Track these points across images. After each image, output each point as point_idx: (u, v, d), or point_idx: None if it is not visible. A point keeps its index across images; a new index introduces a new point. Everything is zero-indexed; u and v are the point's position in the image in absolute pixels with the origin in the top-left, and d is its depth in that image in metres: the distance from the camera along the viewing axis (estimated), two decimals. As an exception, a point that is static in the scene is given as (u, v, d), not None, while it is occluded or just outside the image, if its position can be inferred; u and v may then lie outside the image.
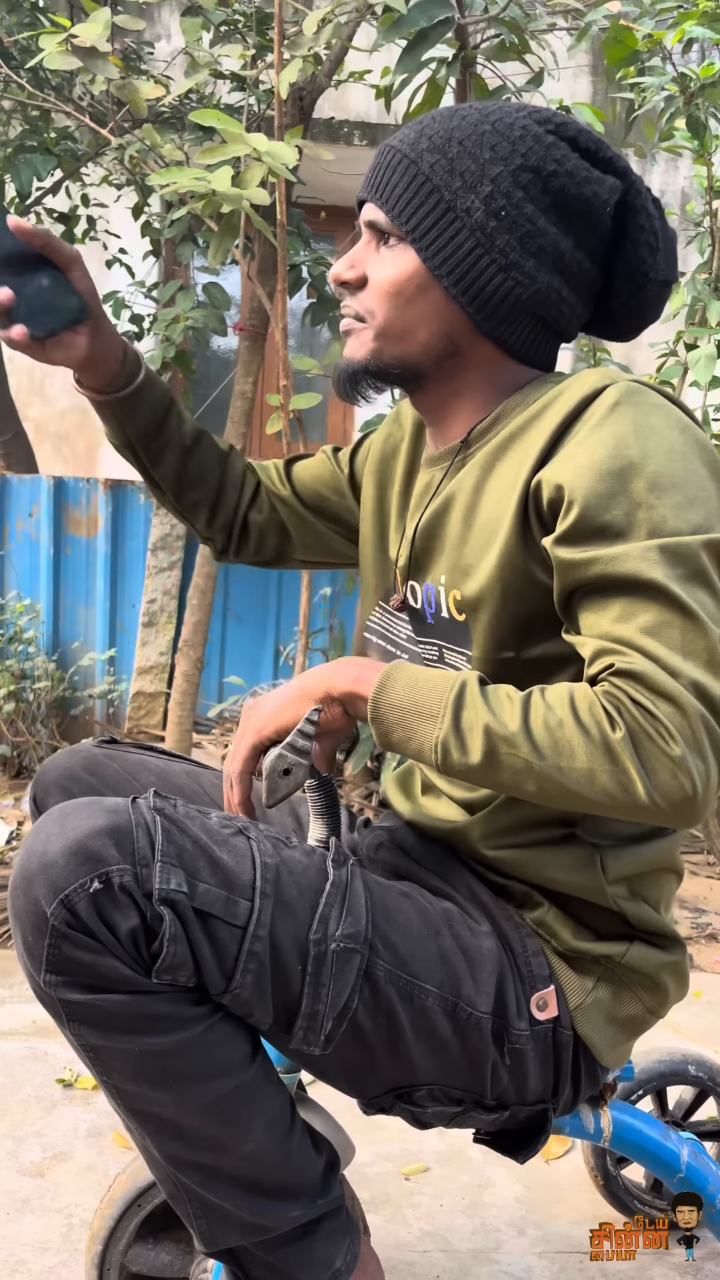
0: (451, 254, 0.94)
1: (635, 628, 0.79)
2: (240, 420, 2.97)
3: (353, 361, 1.00)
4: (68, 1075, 1.74)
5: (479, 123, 0.95)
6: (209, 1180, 0.88)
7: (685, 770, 0.75)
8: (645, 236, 0.99)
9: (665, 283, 1.01)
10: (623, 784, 0.77)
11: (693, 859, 3.17)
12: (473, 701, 0.83)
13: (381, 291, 0.97)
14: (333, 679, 0.91)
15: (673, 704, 0.76)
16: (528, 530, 0.90)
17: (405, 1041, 0.89)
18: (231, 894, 0.82)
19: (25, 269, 1.01)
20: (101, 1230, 1.09)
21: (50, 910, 0.77)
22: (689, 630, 0.79)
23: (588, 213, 0.95)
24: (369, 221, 0.99)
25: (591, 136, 0.97)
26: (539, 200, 0.93)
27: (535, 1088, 0.95)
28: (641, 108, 2.39)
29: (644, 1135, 1.15)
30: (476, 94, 2.42)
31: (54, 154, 3.06)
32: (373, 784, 3.13)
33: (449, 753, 0.83)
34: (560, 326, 1.00)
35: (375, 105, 4.96)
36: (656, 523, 0.81)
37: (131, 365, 1.15)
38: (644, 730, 0.76)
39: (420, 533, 1.03)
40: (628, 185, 0.98)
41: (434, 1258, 1.36)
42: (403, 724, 0.85)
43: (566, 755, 0.78)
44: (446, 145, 0.94)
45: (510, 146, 0.93)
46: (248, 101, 2.74)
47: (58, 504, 3.71)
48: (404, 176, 0.95)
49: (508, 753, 0.80)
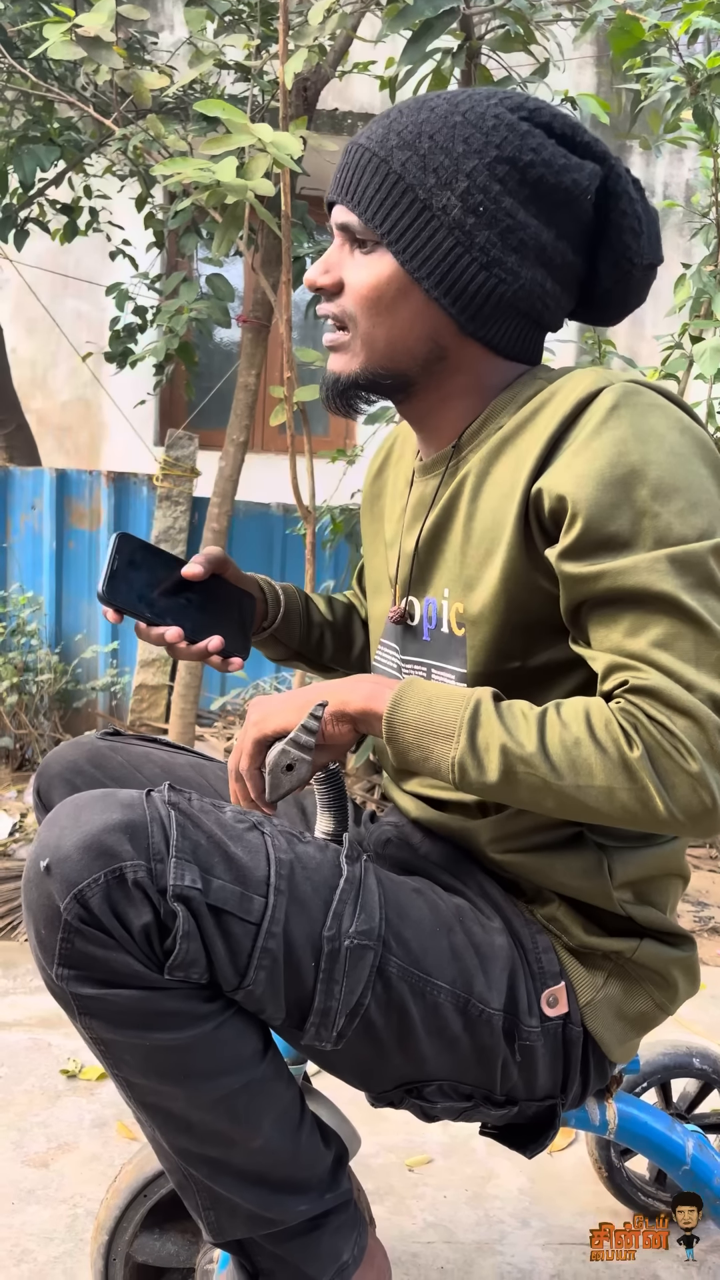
0: (430, 255, 0.91)
1: (647, 642, 0.79)
2: (244, 413, 2.96)
3: (341, 376, 0.98)
4: (72, 1066, 1.74)
5: (449, 114, 0.90)
6: (218, 1173, 0.88)
7: (704, 784, 0.75)
8: (628, 222, 0.95)
9: (650, 266, 0.98)
10: (642, 800, 0.77)
11: (695, 854, 3.17)
12: (488, 720, 0.82)
13: (360, 297, 0.94)
14: (347, 695, 0.90)
15: (689, 718, 0.76)
16: (530, 540, 0.88)
17: (416, 1037, 0.89)
18: (246, 890, 0.81)
19: (206, 597, 1.05)
20: (107, 1220, 1.09)
21: (64, 905, 0.77)
22: (701, 640, 0.78)
23: (569, 202, 0.92)
24: (341, 224, 0.95)
25: (567, 121, 0.93)
26: (517, 192, 0.90)
27: (544, 1084, 0.95)
28: (647, 99, 2.38)
29: (649, 1128, 1.15)
30: (481, 85, 2.41)
31: (57, 144, 3.05)
32: (376, 777, 3.14)
33: (466, 772, 0.82)
34: (545, 319, 0.97)
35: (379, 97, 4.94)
36: (662, 531, 0.80)
37: (271, 597, 1.19)
38: (661, 747, 0.76)
39: (422, 546, 1.01)
40: (607, 170, 0.94)
41: (438, 1249, 1.36)
42: (419, 744, 0.85)
43: (585, 774, 0.78)
44: (417, 141, 0.90)
45: (484, 138, 0.89)
46: (252, 92, 2.73)
47: (60, 497, 3.71)
48: (375, 176, 0.91)
49: (525, 772, 0.80)
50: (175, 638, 0.97)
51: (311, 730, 0.89)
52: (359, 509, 2.91)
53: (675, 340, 2.57)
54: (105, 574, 0.95)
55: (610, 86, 4.93)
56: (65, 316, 4.81)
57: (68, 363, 4.98)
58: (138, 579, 0.98)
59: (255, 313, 2.90)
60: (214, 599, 1.05)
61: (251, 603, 1.09)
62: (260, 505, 3.75)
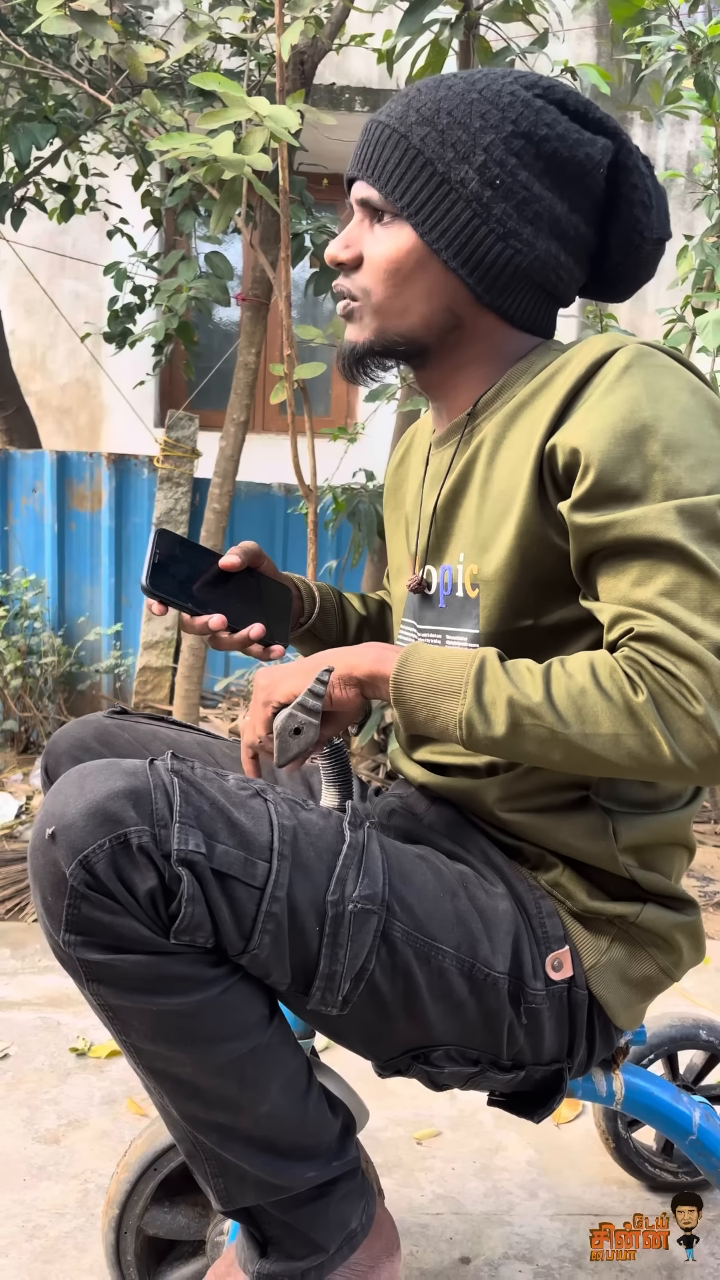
0: (449, 227, 0.94)
1: (654, 590, 0.80)
2: (244, 392, 2.95)
3: (357, 344, 1.00)
4: (81, 1044, 1.75)
5: (466, 91, 0.94)
6: (226, 1140, 0.89)
7: (710, 728, 0.76)
8: (639, 195, 0.98)
9: (659, 241, 1.01)
10: (649, 746, 0.77)
11: (700, 828, 3.18)
12: (494, 675, 0.83)
13: (380, 269, 0.97)
14: (354, 660, 0.91)
15: (694, 664, 0.76)
16: (544, 496, 0.90)
17: (422, 1002, 0.89)
18: (249, 855, 0.82)
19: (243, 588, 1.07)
20: (118, 1194, 1.10)
21: (69, 871, 0.77)
22: (708, 589, 0.79)
23: (582, 175, 0.95)
24: (361, 199, 0.98)
25: (579, 98, 0.96)
26: (533, 166, 0.93)
27: (551, 1048, 0.96)
28: (648, 68, 2.35)
29: (656, 1098, 1.16)
30: (480, 56, 2.39)
31: (53, 122, 3.02)
32: (380, 756, 3.14)
33: (474, 727, 0.83)
34: (559, 292, 1.00)
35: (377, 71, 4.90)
36: (672, 484, 0.82)
37: (307, 594, 1.21)
38: (666, 692, 0.77)
39: (439, 513, 1.03)
40: (619, 145, 0.98)
41: (446, 1220, 1.37)
42: (426, 703, 0.86)
43: (591, 722, 0.79)
44: (436, 116, 0.93)
45: (500, 114, 0.92)
46: (248, 66, 2.71)
47: (61, 479, 3.70)
48: (394, 151, 0.94)
49: (532, 723, 0.81)
50: (219, 625, 0.99)
51: (318, 694, 0.90)
52: (361, 488, 2.91)
53: (678, 313, 2.55)
54: (147, 567, 0.98)
55: (610, 57, 4.88)
56: (63, 297, 4.79)
57: (67, 344, 4.96)
58: (178, 572, 1.01)
59: (254, 291, 2.88)
60: (251, 590, 1.07)
61: (287, 594, 1.12)
62: (262, 485, 3.74)
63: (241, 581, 1.07)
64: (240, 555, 1.05)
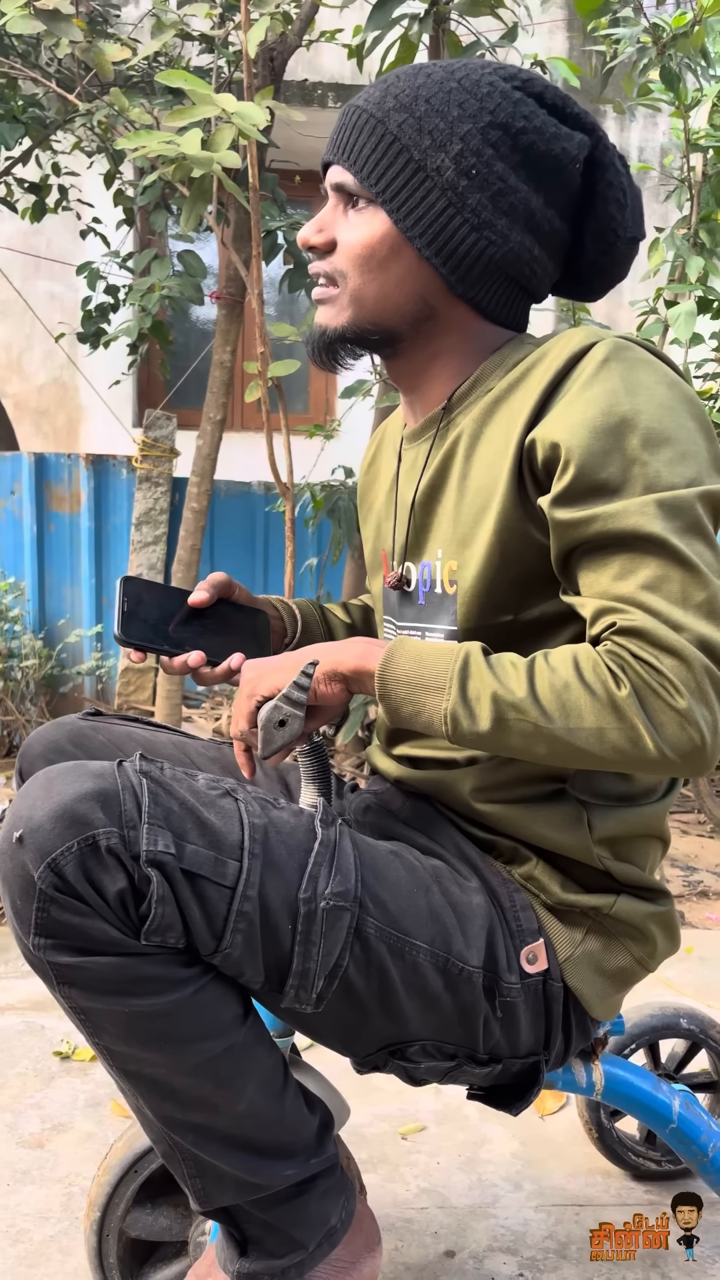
0: (423, 215, 0.93)
1: (635, 584, 0.80)
2: (220, 390, 2.94)
3: (326, 330, 1.00)
4: (65, 1048, 1.75)
5: (445, 80, 0.93)
6: (203, 1140, 0.89)
7: (693, 721, 0.76)
8: (614, 193, 0.98)
9: (633, 240, 1.01)
10: (632, 740, 0.78)
11: (683, 818, 3.19)
12: (478, 670, 0.84)
13: (353, 254, 0.96)
14: (340, 656, 0.91)
15: (676, 657, 0.77)
16: (523, 491, 0.90)
17: (397, 998, 0.89)
18: (220, 854, 0.82)
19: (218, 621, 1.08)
20: (99, 1197, 1.10)
21: (38, 874, 0.77)
22: (689, 582, 0.79)
23: (558, 170, 0.94)
24: (336, 184, 0.97)
25: (558, 93, 0.96)
26: (509, 158, 0.92)
27: (527, 1040, 0.96)
28: (615, 60, 2.36)
29: (636, 1087, 1.16)
30: (449, 50, 2.38)
31: (21, 122, 3.01)
32: (363, 754, 3.14)
33: (458, 722, 0.84)
34: (532, 286, 0.99)
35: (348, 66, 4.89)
36: (652, 478, 0.82)
37: (287, 613, 1.20)
38: (648, 685, 0.77)
39: (417, 509, 1.03)
40: (595, 141, 0.97)
41: (432, 1214, 1.37)
42: (411, 699, 0.86)
43: (574, 716, 0.79)
44: (414, 104, 0.93)
45: (478, 104, 0.92)
46: (217, 64, 2.70)
47: (39, 481, 3.69)
48: (371, 136, 0.94)
49: (516, 718, 0.81)
50: (198, 662, 1.00)
51: (303, 687, 0.90)
52: (340, 485, 2.90)
53: (650, 305, 2.56)
54: (118, 617, 0.99)
55: (580, 51, 4.88)
56: (38, 298, 4.76)
57: (43, 345, 4.94)
58: (149, 615, 1.01)
59: (229, 289, 2.88)
60: (227, 621, 1.08)
61: (264, 619, 1.12)
62: (241, 484, 3.74)
63: (215, 614, 1.07)
64: (209, 590, 1.06)
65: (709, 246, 2.38)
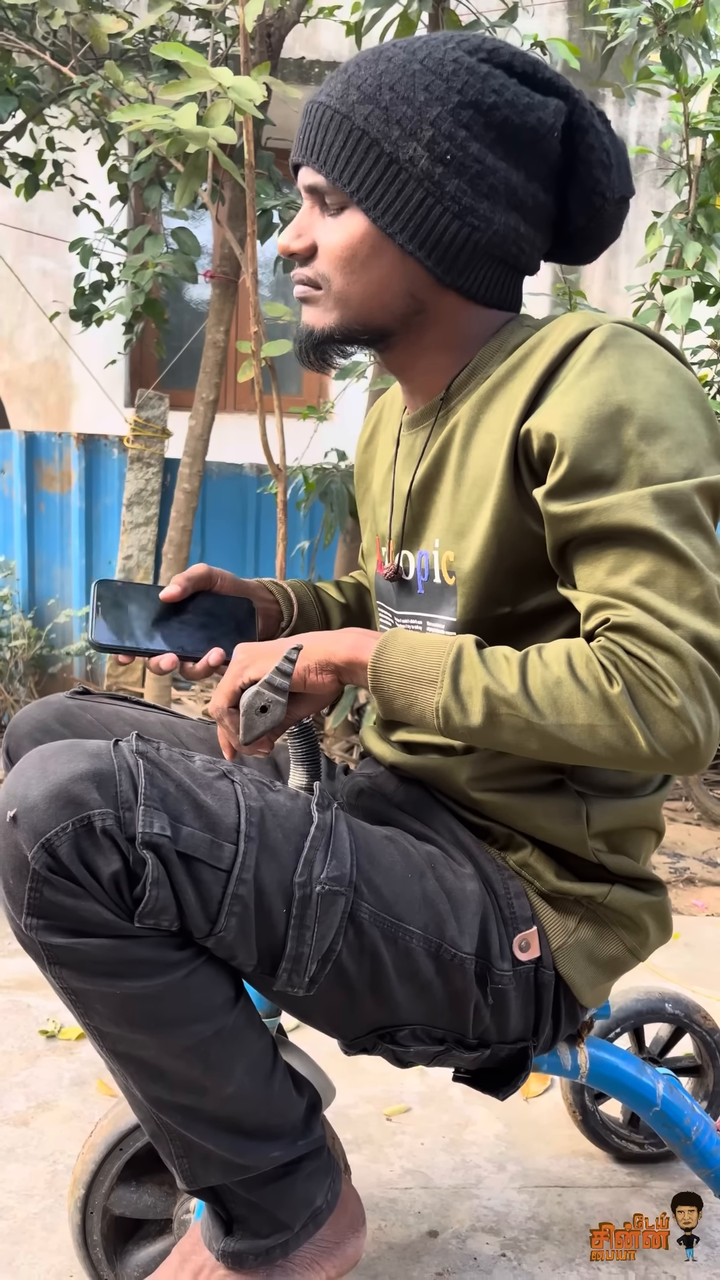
0: (401, 209, 0.90)
1: (630, 580, 0.79)
2: (213, 370, 2.92)
3: (314, 330, 0.97)
4: (51, 1027, 1.75)
5: (408, 62, 0.89)
6: (191, 1121, 0.89)
7: (686, 719, 0.76)
8: (596, 155, 0.93)
9: (622, 199, 0.97)
10: (624, 737, 0.77)
11: (672, 806, 3.20)
12: (470, 664, 0.83)
13: (334, 258, 0.93)
14: (332, 646, 0.90)
15: (670, 654, 0.76)
16: (519, 481, 0.88)
17: (389, 982, 0.89)
18: (215, 837, 0.81)
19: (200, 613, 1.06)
20: (84, 1174, 1.10)
21: (31, 854, 0.76)
22: (685, 578, 0.78)
23: (535, 141, 0.90)
24: (308, 186, 0.94)
25: (526, 59, 0.91)
26: (483, 137, 0.88)
27: (516, 1027, 0.96)
28: (615, 41, 2.34)
29: (620, 1071, 1.17)
30: (449, 29, 2.36)
31: (14, 94, 2.97)
32: (354, 737, 3.14)
33: (450, 716, 0.83)
34: (522, 263, 0.96)
35: (346, 44, 4.84)
36: (648, 469, 0.80)
37: (281, 596, 1.19)
38: (641, 683, 0.76)
39: (414, 497, 1.01)
40: (571, 104, 0.93)
41: (415, 1194, 1.38)
42: (404, 691, 0.86)
43: (566, 713, 0.78)
44: (378, 93, 0.88)
45: (445, 84, 0.87)
46: (213, 39, 2.66)
47: (30, 460, 3.66)
48: (338, 134, 0.90)
49: (508, 713, 0.80)
50: (170, 664, 0.99)
51: (285, 673, 0.90)
52: (333, 468, 2.89)
53: (647, 290, 2.54)
54: (91, 622, 0.98)
55: (581, 32, 4.85)
56: (31, 275, 4.72)
57: (35, 323, 4.90)
58: (124, 617, 1.01)
59: (223, 268, 2.85)
60: (208, 614, 1.07)
61: (248, 607, 1.10)
62: (233, 465, 3.71)
63: (196, 608, 1.06)
64: (182, 584, 1.04)
65: (706, 232, 2.37)
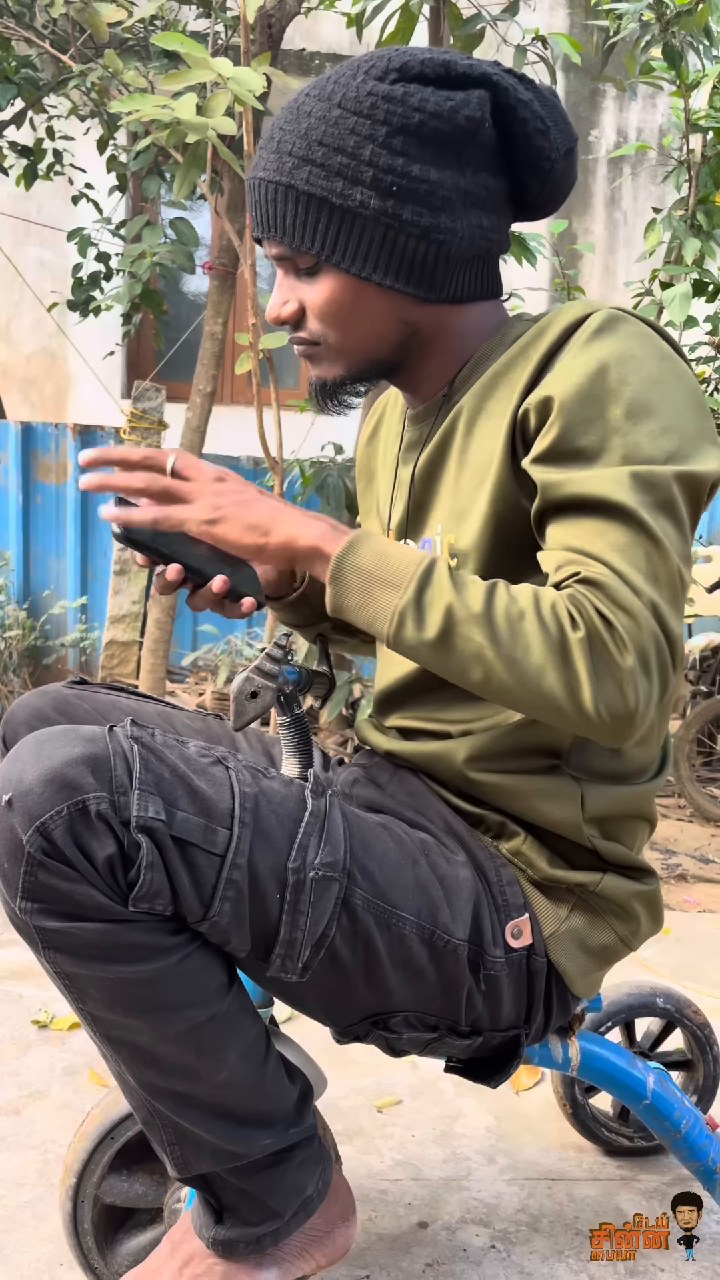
0: (369, 252, 0.92)
1: (604, 544, 0.80)
2: (211, 362, 2.91)
3: (327, 381, 1.00)
4: (43, 1016, 1.75)
5: (327, 113, 0.90)
6: (183, 1107, 0.89)
7: (632, 683, 0.77)
8: (532, 126, 0.93)
9: (569, 151, 0.97)
10: (570, 688, 0.77)
11: (664, 802, 3.21)
12: (440, 579, 0.83)
13: (324, 315, 0.96)
14: (299, 530, 0.87)
15: (631, 618, 0.77)
16: (516, 459, 0.90)
17: (382, 969, 0.89)
18: (210, 822, 0.81)
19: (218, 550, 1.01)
20: (75, 1163, 1.10)
21: (26, 837, 0.76)
22: (654, 555, 0.80)
23: (470, 138, 0.91)
24: (277, 256, 0.96)
25: (434, 62, 0.91)
26: (420, 156, 0.90)
27: (509, 1014, 0.96)
28: (617, 36, 2.33)
29: (611, 1064, 1.17)
30: (450, 23, 2.35)
31: (14, 83, 2.96)
32: (348, 731, 3.14)
33: (404, 624, 0.82)
34: (494, 251, 0.99)
35: (347, 36, 4.83)
36: (631, 449, 0.82)
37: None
38: (600, 636, 0.77)
39: (416, 485, 1.03)
40: (492, 89, 0.92)
41: (406, 1186, 1.38)
42: (363, 588, 0.84)
43: (522, 647, 0.79)
44: (309, 152, 0.90)
45: (369, 120, 0.89)
46: (214, 28, 2.66)
47: (26, 450, 3.65)
48: (286, 203, 0.92)
49: (464, 635, 0.80)
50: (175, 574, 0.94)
51: (275, 659, 0.90)
52: (329, 461, 2.89)
53: (645, 286, 2.54)
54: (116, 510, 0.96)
55: (582, 26, 4.84)
56: (28, 265, 4.70)
57: (32, 313, 4.88)
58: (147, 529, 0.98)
59: (221, 259, 2.85)
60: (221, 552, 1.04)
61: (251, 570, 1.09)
62: (229, 458, 3.71)
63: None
64: None
65: (706, 228, 2.37)
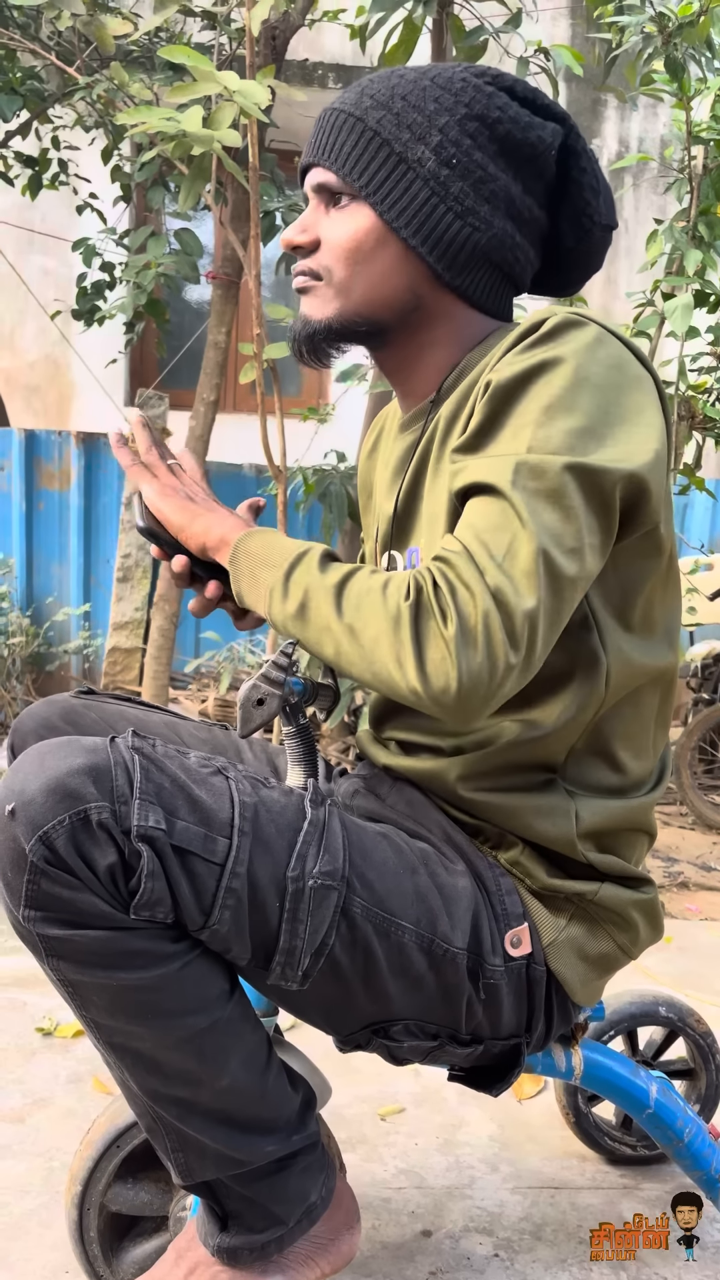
0: (408, 205, 0.94)
1: (470, 530, 0.81)
2: (214, 371, 2.92)
3: (311, 321, 0.99)
4: (47, 1024, 1.75)
5: (419, 79, 0.96)
6: (186, 1114, 0.89)
7: (453, 656, 0.76)
8: (587, 179, 1.00)
9: (607, 228, 1.03)
10: (399, 656, 0.78)
11: (666, 810, 3.22)
12: (309, 561, 0.86)
13: (339, 249, 0.97)
14: (215, 528, 0.94)
15: (469, 592, 0.77)
16: None
17: (382, 977, 0.90)
18: (210, 831, 0.82)
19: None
20: (81, 1171, 1.10)
21: (29, 847, 0.77)
22: (519, 542, 0.78)
23: (534, 157, 0.97)
24: (318, 185, 0.98)
25: (528, 86, 0.99)
26: (487, 147, 0.95)
27: (509, 1022, 0.97)
28: (619, 48, 2.35)
29: (614, 1073, 1.17)
30: (453, 35, 2.37)
31: (20, 94, 2.97)
32: (350, 739, 3.15)
33: (274, 599, 0.86)
34: (515, 273, 1.00)
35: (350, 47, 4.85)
36: (535, 441, 0.81)
37: None
38: (429, 607, 0.77)
39: (402, 500, 1.04)
40: (567, 130, 1.00)
41: (409, 1194, 1.39)
42: (250, 571, 0.89)
43: (361, 620, 0.80)
44: (390, 100, 0.95)
45: (454, 97, 0.95)
46: (219, 41, 2.67)
47: (29, 458, 3.67)
48: (351, 134, 0.95)
49: (315, 607, 0.83)
50: (181, 566, 0.98)
51: (281, 666, 0.92)
52: (332, 469, 2.89)
53: (647, 297, 2.56)
54: (137, 508, 0.99)
55: (584, 39, 4.86)
56: (32, 273, 4.72)
57: (36, 321, 4.90)
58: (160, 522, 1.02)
59: (225, 269, 2.86)
60: None
61: None
62: (233, 466, 3.72)
63: None
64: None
65: (707, 240, 2.38)
